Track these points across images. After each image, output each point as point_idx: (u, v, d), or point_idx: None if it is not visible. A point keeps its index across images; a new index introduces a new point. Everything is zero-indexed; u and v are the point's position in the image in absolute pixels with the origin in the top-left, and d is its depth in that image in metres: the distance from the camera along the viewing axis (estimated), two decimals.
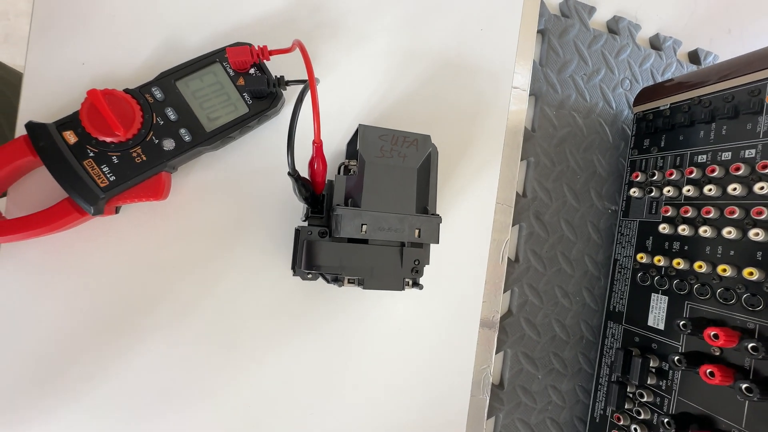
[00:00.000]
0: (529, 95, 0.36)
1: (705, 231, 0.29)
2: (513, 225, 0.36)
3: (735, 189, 0.27)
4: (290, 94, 0.28)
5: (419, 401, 0.32)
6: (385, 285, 0.22)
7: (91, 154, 0.22)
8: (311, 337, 0.28)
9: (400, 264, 0.22)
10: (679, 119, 0.32)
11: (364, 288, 0.22)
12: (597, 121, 0.38)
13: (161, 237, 0.26)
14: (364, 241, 0.22)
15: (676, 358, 0.28)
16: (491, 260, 0.34)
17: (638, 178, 0.35)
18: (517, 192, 0.36)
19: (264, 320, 0.27)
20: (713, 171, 0.29)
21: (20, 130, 0.23)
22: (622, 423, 0.32)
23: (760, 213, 0.26)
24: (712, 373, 0.26)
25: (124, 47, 0.25)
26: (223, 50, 0.24)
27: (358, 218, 0.21)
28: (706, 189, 0.29)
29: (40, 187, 0.24)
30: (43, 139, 0.21)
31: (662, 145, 0.34)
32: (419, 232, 0.22)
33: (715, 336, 0.26)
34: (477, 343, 0.33)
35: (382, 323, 0.30)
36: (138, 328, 0.25)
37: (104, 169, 0.22)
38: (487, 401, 0.34)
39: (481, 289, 0.34)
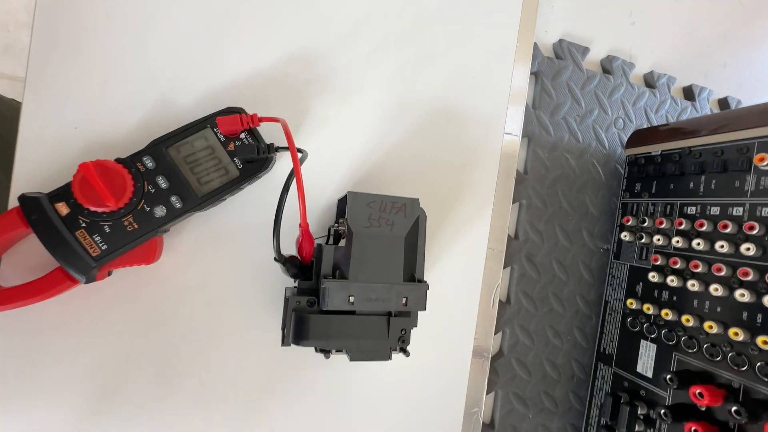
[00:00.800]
0: (522, 138, 0.36)
1: (693, 285, 0.29)
2: (504, 267, 0.36)
3: (722, 246, 0.27)
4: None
5: None
6: (372, 356, 0.22)
7: (83, 225, 0.22)
8: (302, 394, 0.29)
9: (387, 334, 0.22)
10: (670, 168, 0.32)
11: (350, 360, 0.22)
12: (590, 161, 0.38)
13: (153, 298, 0.26)
14: (352, 312, 0.22)
15: (663, 411, 0.29)
16: (482, 304, 0.34)
17: (629, 223, 0.35)
18: (508, 234, 0.36)
19: (256, 378, 0.28)
20: (702, 225, 0.29)
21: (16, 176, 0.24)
22: None
23: (746, 274, 0.26)
24: None
25: (117, 110, 0.25)
26: (213, 117, 0.24)
27: (346, 290, 0.22)
28: (694, 243, 0.29)
29: (33, 252, 0.24)
30: (35, 212, 0.22)
31: (653, 191, 0.34)
32: (406, 300, 0.23)
33: (700, 395, 0.26)
34: (467, 385, 0.34)
35: (372, 373, 0.31)
36: (131, 389, 0.26)
37: (96, 239, 0.23)
38: None
39: (472, 333, 0.34)
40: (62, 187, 0.22)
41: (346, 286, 0.22)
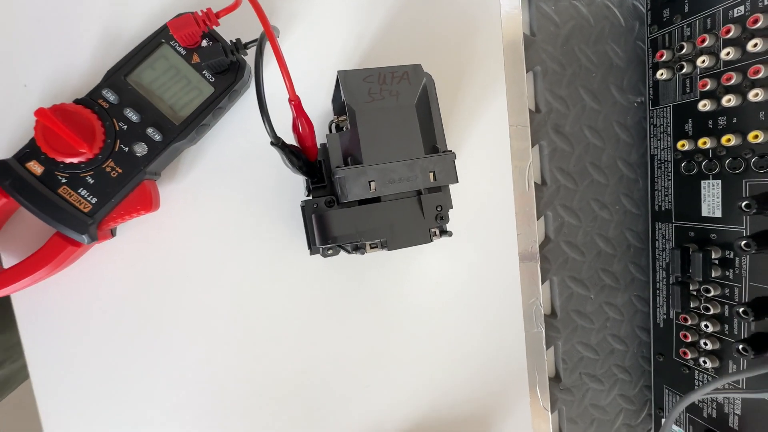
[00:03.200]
0: None
1: (756, 95, 0.25)
2: (532, 146, 0.32)
3: None
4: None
5: (473, 351, 0.31)
6: (411, 240, 0.20)
7: (64, 180, 0.20)
8: (349, 310, 0.27)
9: (422, 214, 0.20)
10: None
11: (389, 250, 0.20)
12: (603, 4, 0.33)
13: (166, 249, 0.24)
14: (377, 200, 0.20)
15: (743, 242, 0.26)
16: (517, 189, 0.31)
17: (663, 57, 0.31)
18: (529, 109, 0.32)
19: (297, 306, 0.26)
20: (756, 21, 0.24)
21: None
22: (690, 323, 0.31)
23: None
24: None
25: (63, 56, 0.22)
26: (165, 28, 0.21)
27: (363, 176, 0.19)
28: (750, 45, 0.25)
29: (28, 227, 0.22)
30: (7, 177, 0.19)
31: (686, 10, 0.29)
32: (434, 174, 0.20)
33: None
34: (520, 279, 0.32)
35: (417, 282, 0.29)
36: (170, 341, 0.25)
37: (82, 193, 0.20)
38: (543, 333, 0.33)
39: (513, 222, 0.31)
40: (27, 145, 0.20)
41: (362, 171, 0.19)
